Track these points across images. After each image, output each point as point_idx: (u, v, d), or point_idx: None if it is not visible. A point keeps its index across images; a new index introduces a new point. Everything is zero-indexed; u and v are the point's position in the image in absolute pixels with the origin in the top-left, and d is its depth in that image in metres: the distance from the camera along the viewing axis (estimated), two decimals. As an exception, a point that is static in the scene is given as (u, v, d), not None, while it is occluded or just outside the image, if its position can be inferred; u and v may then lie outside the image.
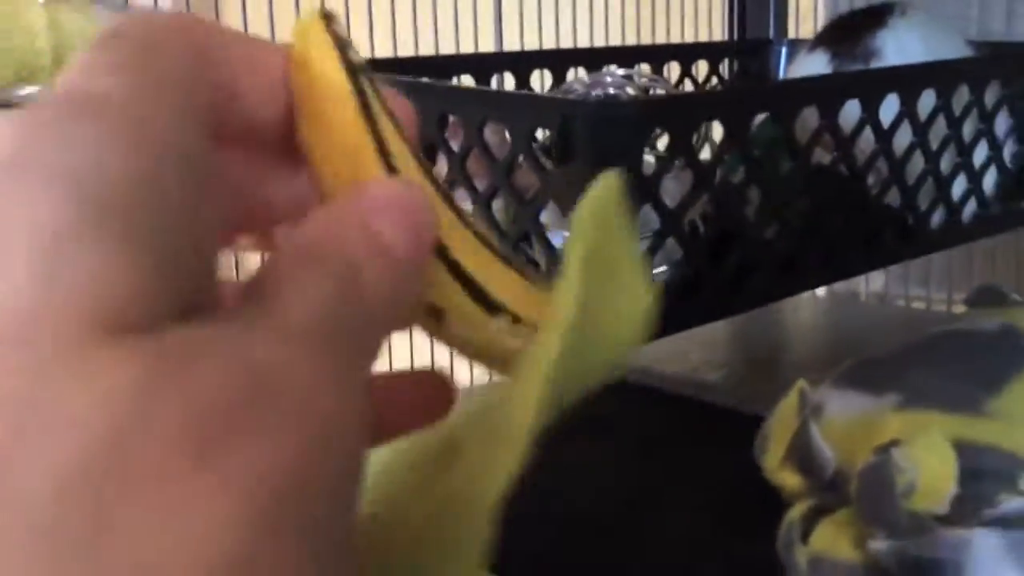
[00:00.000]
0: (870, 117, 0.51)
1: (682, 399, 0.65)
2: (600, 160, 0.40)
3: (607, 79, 0.57)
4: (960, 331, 0.49)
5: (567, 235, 0.22)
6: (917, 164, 0.55)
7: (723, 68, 0.79)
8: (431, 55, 0.69)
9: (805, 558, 0.38)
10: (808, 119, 0.49)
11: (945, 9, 0.81)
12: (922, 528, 0.36)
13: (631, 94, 0.63)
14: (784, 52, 0.81)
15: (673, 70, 0.75)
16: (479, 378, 0.76)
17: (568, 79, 0.68)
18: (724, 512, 0.49)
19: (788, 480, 0.42)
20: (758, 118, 0.53)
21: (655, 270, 0.44)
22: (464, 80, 0.63)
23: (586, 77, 0.62)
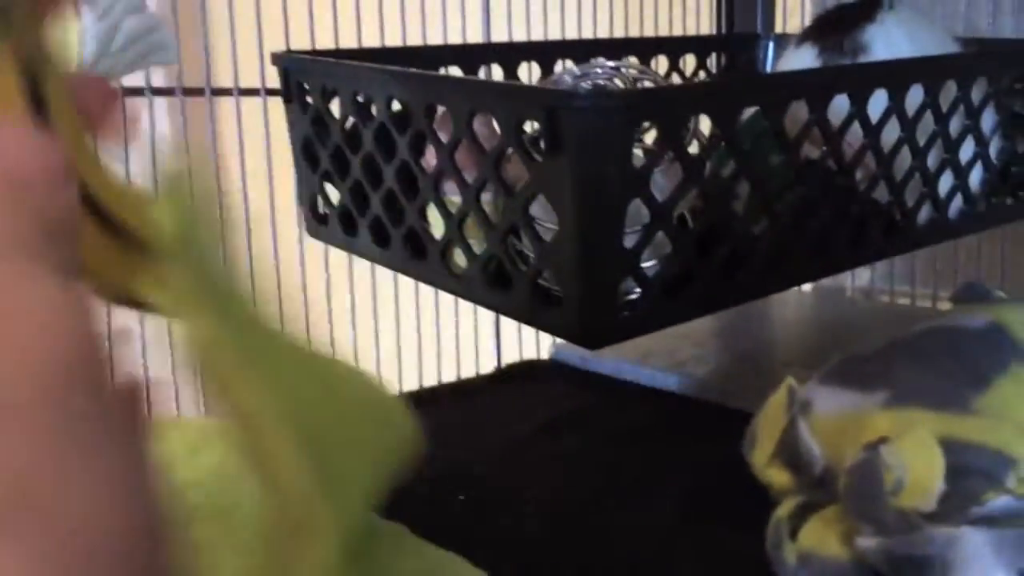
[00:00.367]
0: (859, 112, 0.50)
1: (669, 394, 0.65)
2: (588, 152, 0.39)
3: (596, 70, 0.56)
4: (946, 328, 0.49)
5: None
6: (904, 160, 0.54)
7: (711, 62, 0.79)
8: (419, 45, 0.68)
9: (794, 555, 0.38)
10: (796, 113, 0.49)
11: (932, 5, 0.81)
12: (910, 525, 0.36)
13: (619, 86, 0.62)
14: (772, 46, 0.81)
15: (661, 63, 0.75)
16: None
17: (556, 70, 0.67)
18: (711, 508, 0.49)
19: (776, 477, 0.42)
20: (746, 112, 0.52)
21: (644, 264, 0.43)
22: (452, 71, 0.63)
23: (575, 68, 0.61)
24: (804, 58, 0.62)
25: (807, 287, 0.84)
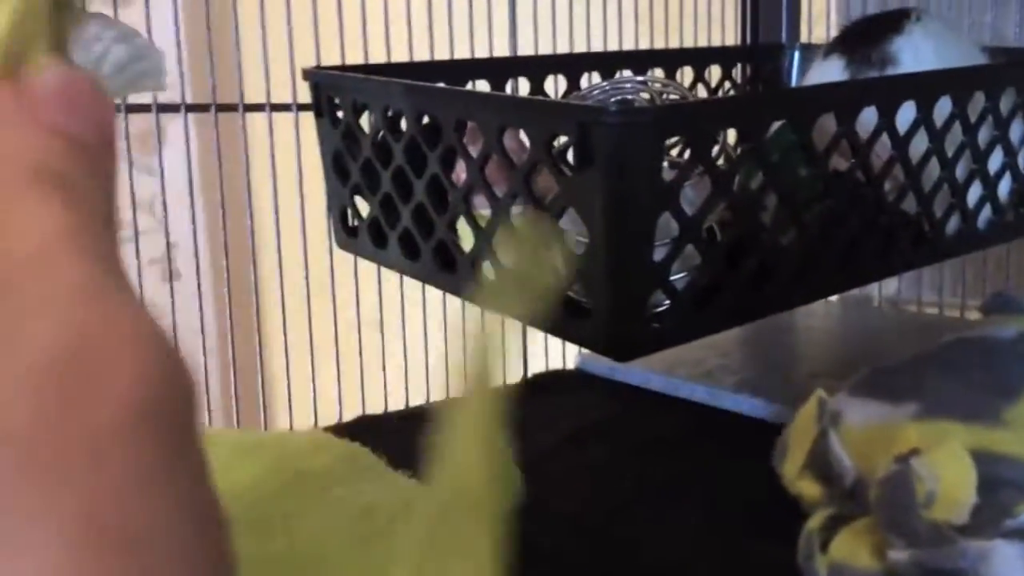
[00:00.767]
0: (887, 124, 0.50)
1: (696, 405, 0.65)
2: (618, 167, 0.40)
3: (626, 84, 0.57)
4: (975, 339, 0.49)
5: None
6: (933, 171, 0.54)
7: (736, 72, 0.79)
8: (446, 60, 0.69)
9: (825, 567, 0.38)
10: (824, 125, 0.49)
11: (960, 15, 0.81)
12: (942, 538, 0.36)
13: (645, 100, 0.63)
14: (797, 56, 0.81)
15: (686, 75, 0.75)
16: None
17: (582, 83, 0.68)
18: (739, 519, 0.49)
19: (807, 489, 0.42)
20: (774, 124, 0.53)
21: (673, 277, 0.44)
22: (479, 84, 0.63)
23: (605, 83, 0.62)
24: (832, 70, 0.62)
25: (834, 297, 0.84)
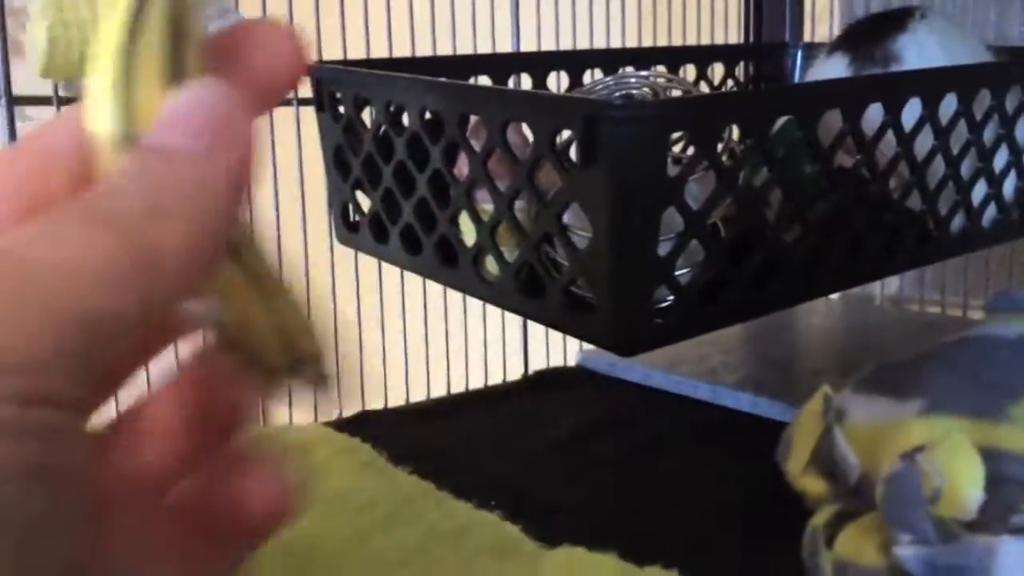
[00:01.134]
0: (892, 120, 0.50)
1: (698, 402, 0.65)
2: (624, 162, 0.40)
3: (630, 80, 0.57)
4: (980, 337, 0.49)
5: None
6: (938, 168, 0.54)
7: (738, 71, 0.79)
8: (449, 55, 0.69)
9: (830, 564, 0.38)
10: (828, 121, 0.48)
11: (964, 13, 0.81)
12: (950, 534, 0.36)
13: (648, 95, 0.62)
14: (800, 55, 0.81)
15: (689, 72, 0.75)
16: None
17: (585, 80, 0.67)
18: (744, 516, 0.49)
19: (812, 486, 0.41)
20: (779, 120, 0.52)
21: (677, 272, 0.43)
22: (481, 80, 0.63)
23: (608, 78, 0.61)
24: (835, 67, 0.61)
25: (835, 295, 0.84)
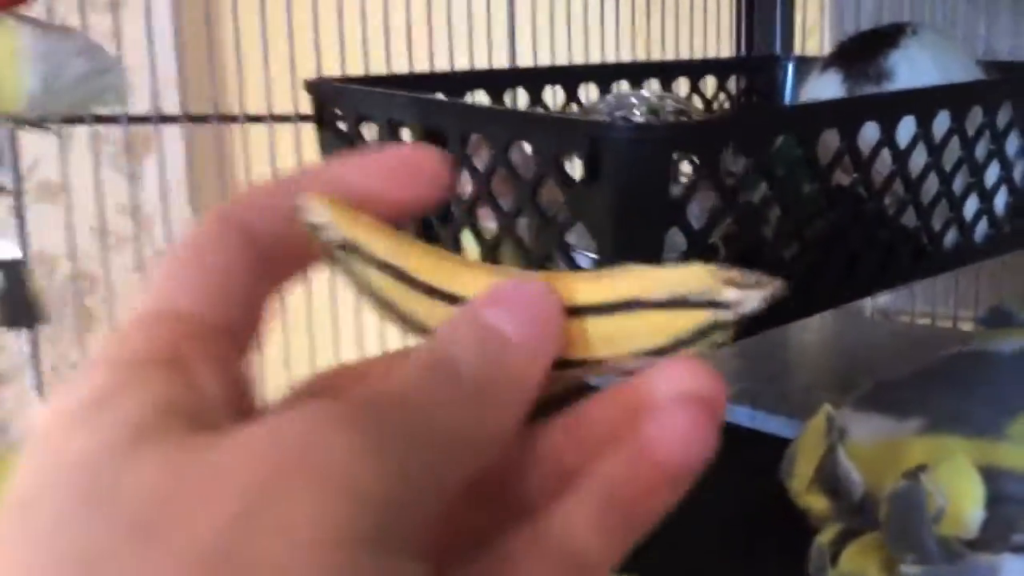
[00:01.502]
0: (888, 139, 0.51)
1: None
2: (629, 182, 0.40)
3: (631, 99, 0.57)
4: (976, 353, 0.50)
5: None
6: (932, 185, 0.55)
7: (730, 84, 0.79)
8: (446, 71, 0.69)
9: (835, 582, 0.38)
10: (826, 140, 0.49)
11: (954, 28, 0.82)
12: (953, 554, 0.36)
13: (640, 114, 0.63)
14: (791, 68, 0.82)
15: (682, 86, 0.75)
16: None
17: (580, 94, 0.68)
18: (747, 533, 0.49)
19: (815, 503, 0.42)
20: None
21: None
22: (478, 95, 0.63)
23: (609, 96, 0.62)
24: (829, 84, 0.62)
25: (827, 308, 0.85)
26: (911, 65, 0.61)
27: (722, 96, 0.78)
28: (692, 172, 0.49)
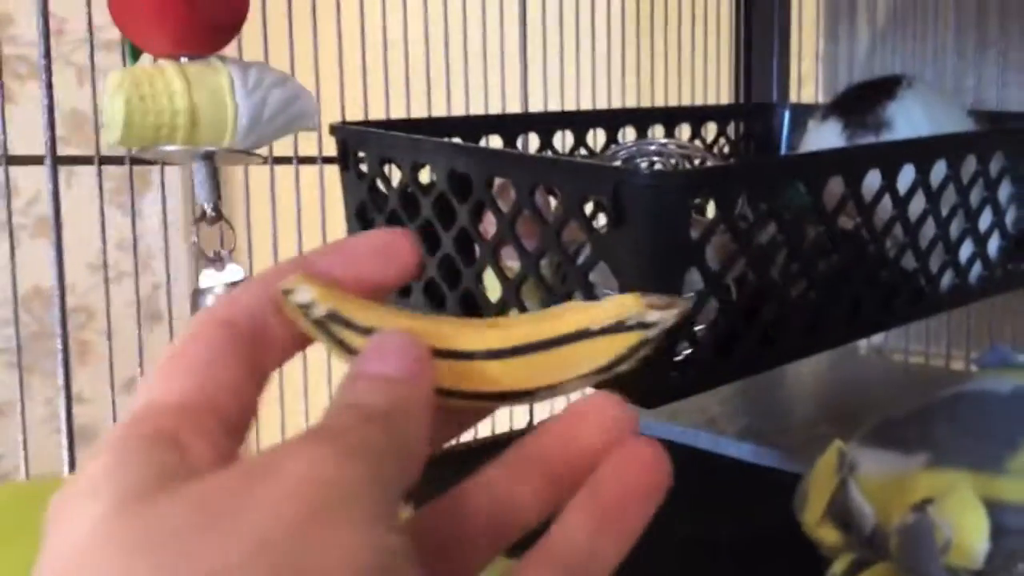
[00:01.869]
0: (889, 185, 0.53)
1: (701, 452, 0.67)
2: (651, 224, 0.42)
3: (649, 147, 0.60)
4: (975, 392, 0.52)
5: (613, 294, 0.28)
6: (929, 229, 0.57)
7: (730, 129, 0.82)
8: (463, 115, 0.71)
9: (849, 610, 0.40)
10: (831, 186, 0.51)
11: (943, 78, 0.85)
12: (962, 582, 0.38)
13: (652, 161, 0.65)
14: (787, 115, 0.85)
15: (684, 131, 0.78)
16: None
17: (588, 139, 0.70)
18: (757, 565, 0.51)
19: (828, 535, 0.43)
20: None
21: (695, 327, 0.46)
22: (493, 139, 0.66)
23: (630, 143, 0.64)
24: (830, 133, 0.65)
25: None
26: (907, 116, 0.64)
27: (722, 140, 0.81)
28: (694, 214, 0.51)
